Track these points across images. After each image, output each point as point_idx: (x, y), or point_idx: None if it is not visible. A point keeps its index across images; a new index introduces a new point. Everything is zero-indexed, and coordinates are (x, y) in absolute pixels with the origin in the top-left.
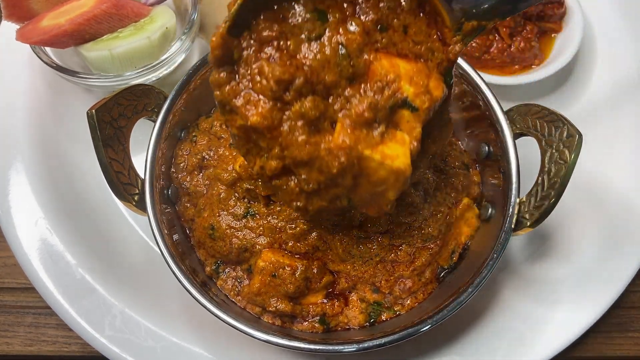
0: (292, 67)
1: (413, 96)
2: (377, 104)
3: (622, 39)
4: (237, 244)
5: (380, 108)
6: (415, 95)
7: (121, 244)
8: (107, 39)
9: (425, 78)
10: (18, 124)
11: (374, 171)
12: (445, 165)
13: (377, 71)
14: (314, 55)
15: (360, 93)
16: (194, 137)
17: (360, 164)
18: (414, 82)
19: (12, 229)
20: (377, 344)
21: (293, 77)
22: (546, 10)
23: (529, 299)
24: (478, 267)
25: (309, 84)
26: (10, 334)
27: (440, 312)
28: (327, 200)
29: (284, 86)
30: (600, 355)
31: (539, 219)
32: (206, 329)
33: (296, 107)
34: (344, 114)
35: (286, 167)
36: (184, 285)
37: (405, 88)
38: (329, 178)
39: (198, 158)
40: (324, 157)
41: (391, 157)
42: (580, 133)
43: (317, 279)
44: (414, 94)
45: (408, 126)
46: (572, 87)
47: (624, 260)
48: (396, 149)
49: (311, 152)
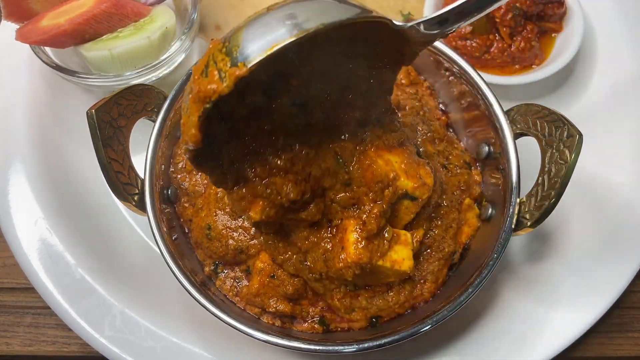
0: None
1: (412, 190)
2: (384, 210)
3: (623, 39)
4: (233, 245)
5: (387, 210)
6: (414, 189)
7: (121, 244)
8: (107, 39)
9: (417, 167)
10: (18, 124)
11: (383, 274)
12: (449, 163)
13: (376, 172)
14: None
15: (366, 200)
16: None
17: (371, 269)
18: (410, 175)
19: (12, 229)
20: (377, 344)
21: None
22: (546, 10)
23: (529, 299)
24: (478, 267)
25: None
26: (9, 334)
27: (440, 312)
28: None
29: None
30: (600, 355)
31: (539, 219)
32: (206, 329)
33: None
34: (356, 227)
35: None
36: (183, 285)
37: (404, 184)
38: (336, 275)
39: None
40: (340, 269)
41: (398, 262)
42: (581, 133)
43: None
44: (413, 188)
45: (407, 211)
46: (572, 87)
47: (624, 260)
48: (401, 252)
49: (310, 247)
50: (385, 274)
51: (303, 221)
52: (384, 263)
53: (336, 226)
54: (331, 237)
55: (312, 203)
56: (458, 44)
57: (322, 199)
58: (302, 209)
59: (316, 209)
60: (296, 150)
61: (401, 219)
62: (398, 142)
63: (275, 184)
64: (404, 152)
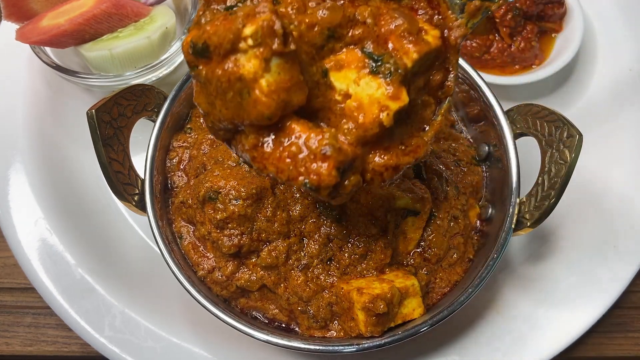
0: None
1: (413, 203)
2: (389, 241)
3: (622, 39)
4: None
5: (391, 240)
6: (414, 202)
7: (121, 244)
8: (107, 39)
9: (409, 183)
10: (18, 124)
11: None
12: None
13: (375, 196)
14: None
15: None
16: (189, 129)
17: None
18: (405, 190)
19: (12, 229)
20: (377, 344)
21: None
22: (546, 10)
23: (529, 299)
24: (478, 267)
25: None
26: (9, 334)
27: (440, 312)
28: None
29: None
30: (600, 355)
31: (539, 219)
32: (206, 329)
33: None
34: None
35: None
36: (183, 285)
37: (403, 201)
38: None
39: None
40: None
41: (409, 314)
42: (581, 133)
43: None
44: (413, 201)
45: (414, 229)
46: (572, 87)
47: (624, 260)
48: (411, 304)
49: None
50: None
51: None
52: (396, 322)
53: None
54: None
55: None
56: None
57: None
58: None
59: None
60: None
61: (410, 239)
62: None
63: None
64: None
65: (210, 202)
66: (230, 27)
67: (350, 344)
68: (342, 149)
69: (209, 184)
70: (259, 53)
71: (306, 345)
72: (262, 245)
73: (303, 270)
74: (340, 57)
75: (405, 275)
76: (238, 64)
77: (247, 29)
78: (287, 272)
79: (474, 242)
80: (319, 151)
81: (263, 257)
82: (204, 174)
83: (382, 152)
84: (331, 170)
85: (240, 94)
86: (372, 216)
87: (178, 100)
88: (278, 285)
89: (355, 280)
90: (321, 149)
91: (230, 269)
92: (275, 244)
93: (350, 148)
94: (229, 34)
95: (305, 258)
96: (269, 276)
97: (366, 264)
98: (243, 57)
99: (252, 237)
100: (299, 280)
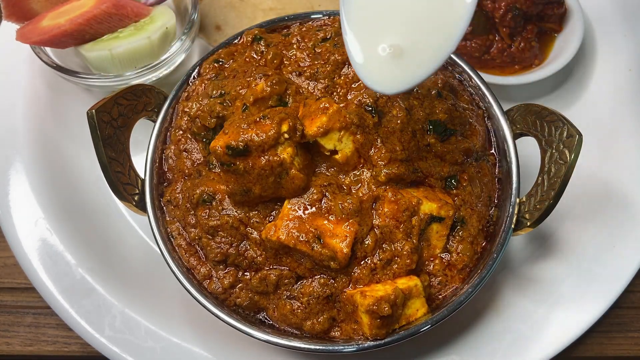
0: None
1: (437, 210)
2: (415, 246)
3: (622, 39)
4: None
5: (418, 246)
6: (439, 209)
7: (121, 244)
8: (107, 39)
9: (432, 191)
10: (18, 124)
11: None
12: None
13: (400, 202)
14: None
15: (397, 235)
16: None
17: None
18: (430, 198)
19: (12, 229)
20: (377, 344)
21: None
22: (546, 10)
23: (529, 299)
24: (478, 267)
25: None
26: (10, 334)
27: (440, 312)
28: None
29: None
30: (600, 355)
31: (539, 219)
32: (206, 329)
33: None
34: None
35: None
36: (183, 285)
37: (428, 206)
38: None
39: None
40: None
41: (413, 315)
42: (580, 133)
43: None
44: (437, 208)
45: (438, 236)
46: (572, 87)
47: (624, 260)
48: (415, 305)
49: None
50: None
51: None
52: (400, 324)
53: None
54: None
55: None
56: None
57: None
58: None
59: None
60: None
61: (435, 247)
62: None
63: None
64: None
65: (203, 205)
66: (269, 130)
67: (350, 344)
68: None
69: (204, 187)
70: (292, 142)
71: (306, 345)
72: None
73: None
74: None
75: (408, 276)
76: (278, 153)
77: (284, 127)
78: (276, 300)
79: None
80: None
81: (253, 283)
82: (199, 178)
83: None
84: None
85: (280, 176)
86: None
87: (177, 101)
88: (268, 309)
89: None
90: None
91: (228, 282)
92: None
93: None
94: (273, 133)
95: (296, 292)
96: (259, 299)
97: (389, 269)
98: (280, 147)
99: (239, 250)
100: (285, 309)
